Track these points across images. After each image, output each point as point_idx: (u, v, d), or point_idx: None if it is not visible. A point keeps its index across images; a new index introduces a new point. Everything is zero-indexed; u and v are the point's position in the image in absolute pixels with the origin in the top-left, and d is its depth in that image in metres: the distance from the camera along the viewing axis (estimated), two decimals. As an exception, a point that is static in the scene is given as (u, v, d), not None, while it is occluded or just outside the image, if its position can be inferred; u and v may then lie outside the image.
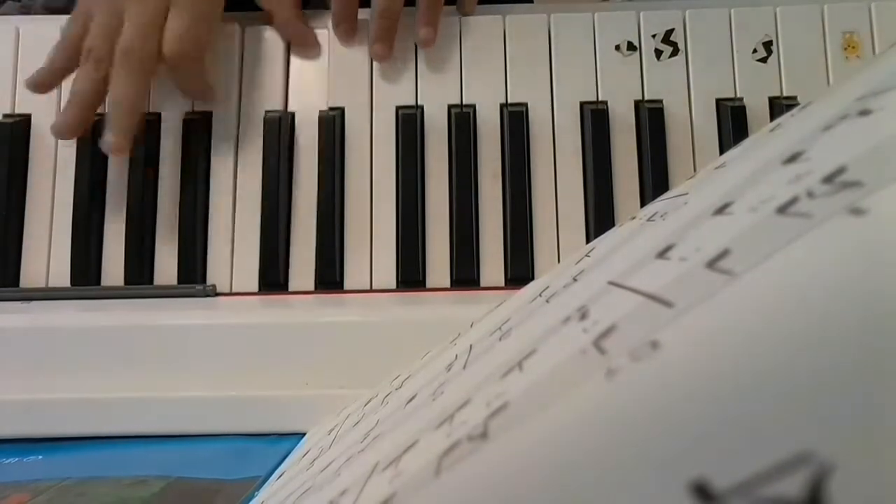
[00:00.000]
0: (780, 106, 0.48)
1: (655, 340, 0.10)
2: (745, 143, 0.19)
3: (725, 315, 0.10)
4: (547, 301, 0.19)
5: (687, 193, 0.18)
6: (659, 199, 0.21)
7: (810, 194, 0.11)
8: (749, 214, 0.12)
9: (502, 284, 0.47)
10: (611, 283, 0.15)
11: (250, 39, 0.50)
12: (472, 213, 0.47)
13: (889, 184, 0.09)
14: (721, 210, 0.13)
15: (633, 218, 0.21)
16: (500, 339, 0.19)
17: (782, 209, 0.11)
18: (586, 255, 0.21)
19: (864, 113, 0.12)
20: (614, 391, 0.10)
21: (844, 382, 0.08)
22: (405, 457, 0.15)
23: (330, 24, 0.50)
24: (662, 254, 0.14)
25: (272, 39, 0.50)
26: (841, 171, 0.10)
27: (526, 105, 0.49)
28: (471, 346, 0.22)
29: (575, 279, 0.18)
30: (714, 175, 0.17)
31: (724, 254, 0.11)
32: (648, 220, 0.18)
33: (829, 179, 0.11)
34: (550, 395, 0.11)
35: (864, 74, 0.15)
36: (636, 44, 0.49)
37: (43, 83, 0.47)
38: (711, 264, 0.11)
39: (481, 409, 0.13)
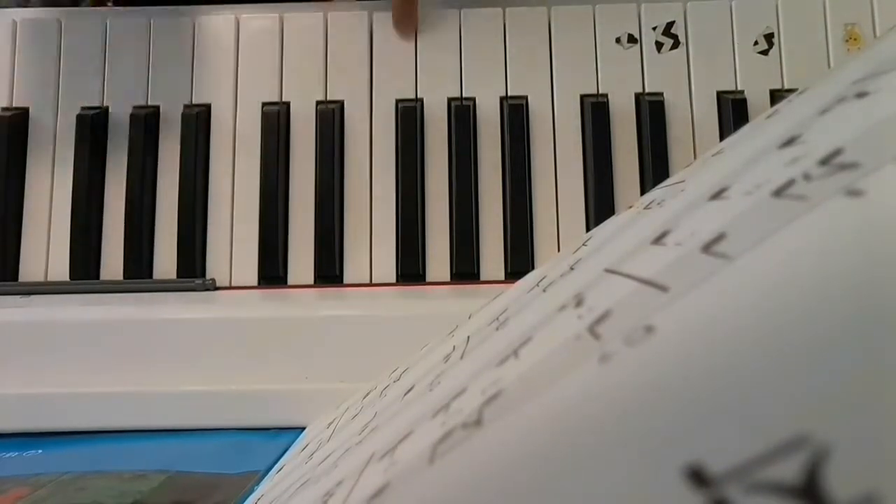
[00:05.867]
0: (781, 98, 0.47)
1: (650, 325, 0.10)
2: (743, 129, 0.19)
3: (720, 298, 0.10)
4: (544, 290, 0.19)
5: (684, 181, 0.18)
6: (657, 187, 0.21)
7: (807, 177, 0.10)
8: (745, 198, 0.12)
9: (502, 278, 0.47)
10: (607, 270, 0.15)
11: (246, 31, 0.50)
12: (472, 207, 0.47)
13: (886, 164, 0.09)
14: (717, 195, 0.13)
15: (631, 207, 0.21)
16: (496, 329, 0.19)
17: (778, 192, 0.11)
18: (583, 245, 0.21)
19: (861, 95, 0.12)
20: (608, 376, 0.10)
21: (841, 365, 0.08)
22: (400, 446, 0.14)
23: (325, 15, 0.50)
24: (658, 240, 0.14)
25: (268, 30, 0.50)
26: (837, 152, 0.10)
27: (526, 98, 0.49)
28: (468, 338, 0.21)
29: (572, 268, 0.18)
30: (711, 162, 0.17)
31: (719, 238, 0.11)
32: (646, 207, 0.18)
33: (825, 161, 0.10)
34: (544, 380, 0.11)
35: (862, 58, 0.15)
36: (636, 36, 0.49)
37: None
38: (707, 248, 0.11)
39: (476, 397, 0.13)
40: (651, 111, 0.48)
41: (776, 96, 0.48)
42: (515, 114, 0.48)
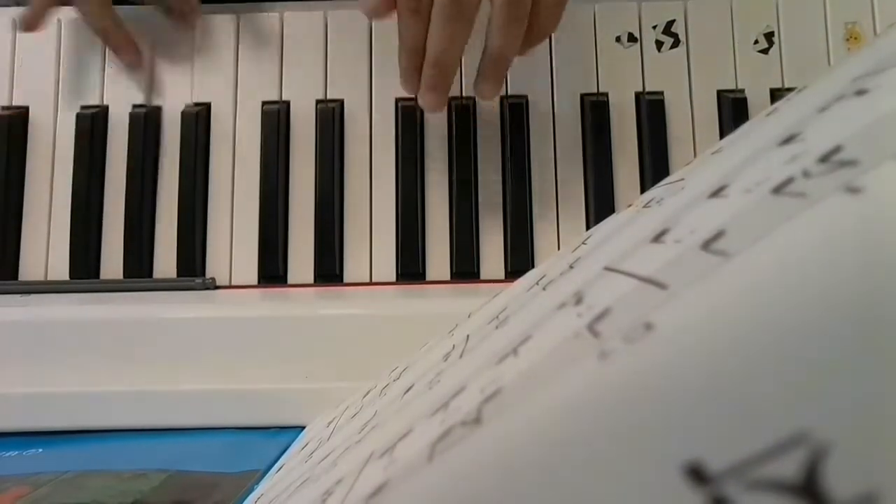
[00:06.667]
0: (781, 97, 0.47)
1: (649, 322, 0.10)
2: (742, 128, 0.19)
3: (719, 296, 0.10)
4: (543, 289, 0.19)
5: (684, 179, 0.18)
6: (657, 185, 0.21)
7: (806, 174, 0.10)
8: (744, 196, 0.12)
9: (502, 277, 0.47)
10: (606, 268, 0.15)
11: (245, 30, 0.50)
12: (472, 206, 0.47)
13: (885, 161, 0.09)
14: (716, 193, 0.13)
15: (631, 205, 0.21)
16: (496, 328, 0.19)
17: (777, 189, 0.11)
18: (583, 243, 0.21)
19: (861, 92, 0.12)
20: (607, 373, 0.10)
21: (841, 362, 0.08)
22: (400, 445, 0.14)
23: (325, 14, 0.50)
24: (658, 237, 0.14)
25: (268, 29, 0.50)
26: (837, 150, 0.10)
27: (526, 97, 0.49)
28: (468, 336, 0.21)
29: (571, 266, 0.18)
30: (711, 160, 0.17)
31: (718, 235, 0.11)
32: (645, 206, 0.18)
33: (824, 159, 0.10)
34: (543, 378, 0.11)
35: (861, 55, 0.15)
36: (637, 35, 0.49)
37: None
38: (706, 246, 0.11)
39: (476, 396, 0.13)
40: (651, 110, 0.48)
41: (776, 95, 0.48)
42: (515, 113, 0.48)
